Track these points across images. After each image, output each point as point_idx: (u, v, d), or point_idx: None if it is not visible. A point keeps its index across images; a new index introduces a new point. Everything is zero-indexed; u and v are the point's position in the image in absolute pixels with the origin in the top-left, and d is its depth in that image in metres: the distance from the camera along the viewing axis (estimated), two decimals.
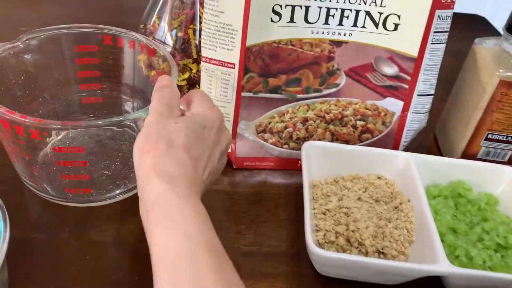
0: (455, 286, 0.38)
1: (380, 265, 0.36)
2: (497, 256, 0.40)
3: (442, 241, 0.40)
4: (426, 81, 0.47)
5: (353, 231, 0.40)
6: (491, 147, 0.50)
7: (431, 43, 0.44)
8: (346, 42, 0.45)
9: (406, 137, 0.50)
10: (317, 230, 0.40)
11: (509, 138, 0.49)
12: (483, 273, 0.36)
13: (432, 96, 0.48)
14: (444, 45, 0.45)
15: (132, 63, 0.48)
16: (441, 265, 0.35)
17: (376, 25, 0.44)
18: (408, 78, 0.46)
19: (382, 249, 0.39)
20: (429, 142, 0.57)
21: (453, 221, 0.42)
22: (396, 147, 0.50)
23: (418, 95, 0.47)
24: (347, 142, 0.50)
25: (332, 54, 0.45)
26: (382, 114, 0.49)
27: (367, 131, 0.49)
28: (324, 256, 0.36)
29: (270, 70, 0.45)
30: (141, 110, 0.37)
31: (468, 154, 0.51)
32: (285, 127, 0.48)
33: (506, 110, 0.47)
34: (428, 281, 0.38)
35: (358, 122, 0.49)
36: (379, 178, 0.46)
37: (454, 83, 0.54)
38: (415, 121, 0.49)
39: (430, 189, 0.46)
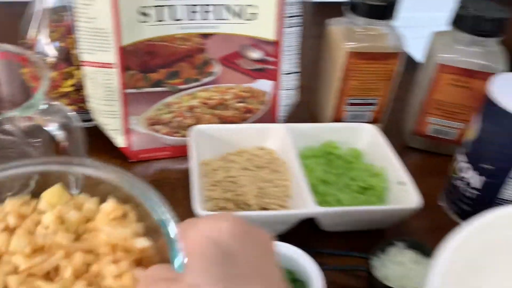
0: (328, 225, 0.45)
1: (259, 216, 0.42)
2: (361, 197, 0.48)
3: (316, 191, 0.47)
4: (289, 61, 0.54)
5: (238, 195, 0.45)
6: (353, 111, 0.58)
7: (286, 27, 0.52)
8: (213, 34, 0.50)
9: (282, 112, 0.57)
10: (209, 201, 0.45)
11: (366, 100, 0.58)
12: (343, 208, 0.43)
13: (298, 74, 0.55)
14: (299, 28, 0.53)
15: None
16: (309, 208, 0.42)
17: (236, 16, 0.50)
18: (273, 60, 0.53)
19: (266, 206, 0.45)
20: (307, 115, 0.64)
21: (325, 174, 0.50)
22: (274, 122, 0.57)
23: (285, 74, 0.54)
24: (233, 123, 0.55)
25: (202, 46, 0.51)
26: (257, 94, 0.55)
27: (248, 111, 0.56)
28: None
29: (148, 66, 0.50)
30: (17, 109, 0.39)
31: (337, 120, 0.59)
32: (174, 117, 0.53)
33: (358, 77, 0.56)
34: (309, 226, 0.45)
35: (238, 104, 0.55)
36: (261, 149, 0.52)
37: None
38: (287, 97, 0.56)
39: (305, 152, 0.53)
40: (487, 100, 0.44)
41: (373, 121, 0.60)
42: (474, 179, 0.47)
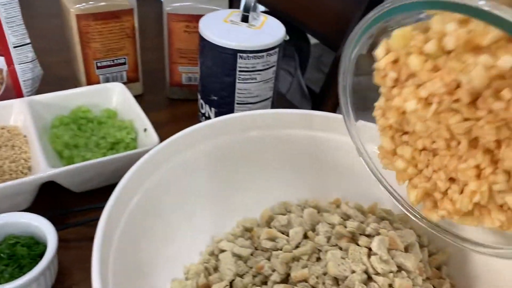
0: (74, 186, 0.46)
1: None
2: (111, 152, 0.49)
3: (62, 157, 0.48)
4: (15, 33, 0.52)
5: None
6: (106, 73, 0.59)
7: None
8: None
9: (26, 87, 0.55)
10: None
11: (115, 61, 0.59)
12: (72, 166, 0.43)
13: (30, 45, 0.54)
14: None
15: None
16: (41, 173, 0.42)
17: None
18: None
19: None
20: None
21: (73, 139, 0.50)
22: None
23: (15, 47, 0.52)
24: None
25: None
26: None
27: None
28: None
29: None
30: None
31: (92, 84, 0.59)
32: None
33: (98, 39, 0.56)
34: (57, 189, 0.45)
35: None
36: (2, 128, 0.50)
37: None
38: (26, 71, 0.54)
39: (54, 122, 0.52)
40: (200, 37, 0.49)
41: (130, 81, 0.61)
42: (209, 112, 0.51)
